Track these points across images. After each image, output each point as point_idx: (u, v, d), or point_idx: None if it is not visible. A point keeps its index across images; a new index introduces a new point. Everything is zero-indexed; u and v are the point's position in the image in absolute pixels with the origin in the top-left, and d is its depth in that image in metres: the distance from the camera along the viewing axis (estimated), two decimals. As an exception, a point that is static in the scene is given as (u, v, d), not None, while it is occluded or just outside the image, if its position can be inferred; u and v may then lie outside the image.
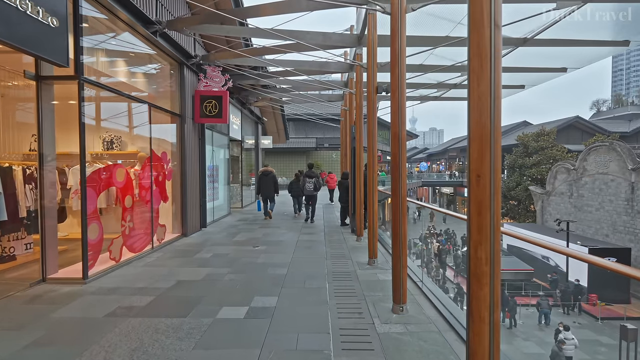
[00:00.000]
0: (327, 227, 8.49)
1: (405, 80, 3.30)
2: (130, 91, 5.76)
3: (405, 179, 3.24)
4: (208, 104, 7.52)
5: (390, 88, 3.34)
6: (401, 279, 3.24)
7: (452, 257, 22.65)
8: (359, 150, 6.65)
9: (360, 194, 6.64)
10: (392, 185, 3.26)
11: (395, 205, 3.23)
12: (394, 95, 3.27)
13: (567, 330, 10.09)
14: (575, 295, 14.95)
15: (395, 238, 3.27)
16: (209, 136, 8.98)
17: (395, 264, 3.31)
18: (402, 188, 3.21)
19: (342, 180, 8.69)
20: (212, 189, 9.23)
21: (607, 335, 12.68)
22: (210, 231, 7.88)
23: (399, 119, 3.25)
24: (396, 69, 3.24)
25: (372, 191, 4.99)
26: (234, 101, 11.09)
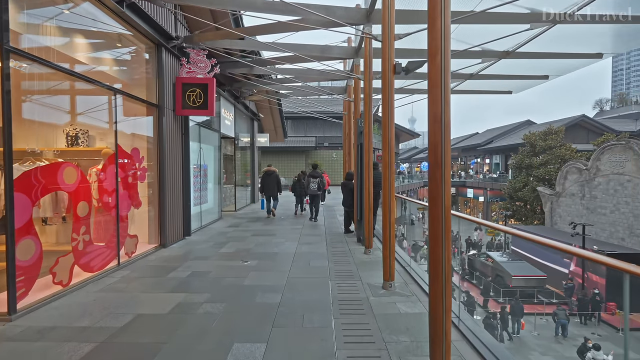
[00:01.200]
0: (329, 235, 7.46)
1: (449, 65, 2.25)
2: (91, 75, 4.72)
3: (449, 182, 2.21)
4: (191, 93, 6.48)
5: (429, 76, 2.28)
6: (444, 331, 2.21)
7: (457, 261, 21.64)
8: (368, 145, 5.62)
9: (370, 198, 5.62)
10: (432, 191, 2.23)
11: (436, 220, 2.20)
12: (435, 82, 2.24)
13: (598, 350, 9.08)
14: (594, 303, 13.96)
15: (434, 267, 2.23)
16: (195, 131, 7.94)
17: (435, 312, 2.27)
18: (445, 196, 2.18)
19: (346, 182, 7.67)
20: (200, 191, 8.19)
21: (634, 349, 11.68)
22: (195, 240, 6.84)
23: (442, 104, 2.22)
24: (437, 56, 2.20)
25: (388, 195, 3.96)
26: (225, 94, 10.05)
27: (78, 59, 4.62)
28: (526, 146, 27.52)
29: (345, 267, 4.99)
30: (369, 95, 5.49)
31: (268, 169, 10.11)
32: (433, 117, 2.23)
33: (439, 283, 2.19)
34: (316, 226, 8.64)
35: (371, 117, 5.60)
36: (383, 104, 3.96)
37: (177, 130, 6.62)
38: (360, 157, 6.40)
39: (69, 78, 4.27)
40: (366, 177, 5.66)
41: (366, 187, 5.67)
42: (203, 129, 8.48)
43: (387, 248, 4.00)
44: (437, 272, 2.20)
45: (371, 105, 5.58)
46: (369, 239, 5.69)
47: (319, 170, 10.37)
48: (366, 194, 5.66)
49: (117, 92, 4.90)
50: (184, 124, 6.91)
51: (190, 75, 6.52)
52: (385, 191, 3.96)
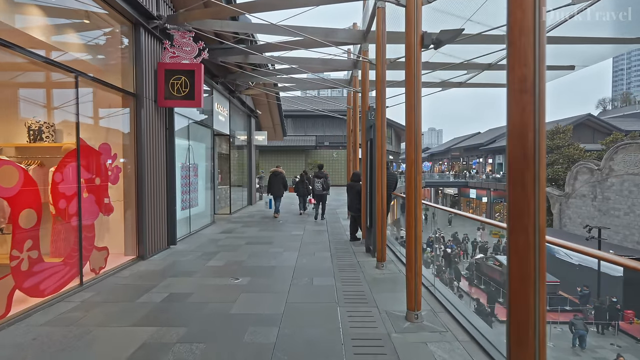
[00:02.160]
0: (334, 243, 6.61)
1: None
2: (52, 56, 3.88)
3: (544, 193, 1.36)
4: (176, 81, 5.63)
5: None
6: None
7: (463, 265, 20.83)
8: (380, 140, 4.78)
9: (382, 202, 4.77)
10: (515, 204, 1.39)
11: (523, 251, 1.36)
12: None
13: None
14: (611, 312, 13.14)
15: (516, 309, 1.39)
16: (183, 127, 7.09)
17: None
18: (539, 216, 1.34)
19: (353, 183, 6.82)
20: (188, 194, 7.34)
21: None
22: (181, 250, 5.99)
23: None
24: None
25: (414, 202, 3.12)
26: (219, 87, 9.19)
27: (38, 38, 3.78)
28: (533, 145, 26.64)
29: (355, 286, 4.15)
30: (382, 79, 4.65)
31: (275, 170, 10.40)
32: (520, 95, 1.39)
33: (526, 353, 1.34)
34: (319, 232, 7.80)
35: (384, 108, 4.76)
36: (407, 87, 3.11)
37: (159, 124, 5.77)
38: (371, 154, 5.55)
39: (24, 60, 3.43)
40: (378, 178, 4.81)
41: (378, 189, 4.83)
42: (193, 124, 7.63)
43: (412, 269, 3.15)
44: (522, 337, 1.36)
45: (384, 94, 4.74)
46: (381, 251, 4.84)
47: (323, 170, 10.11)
48: (378, 198, 4.81)
49: (80, 75, 4.05)
50: (168, 117, 6.05)
51: (175, 60, 5.67)
52: (411, 197, 3.12)
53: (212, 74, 8.63)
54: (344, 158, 28.66)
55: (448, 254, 21.25)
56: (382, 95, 4.68)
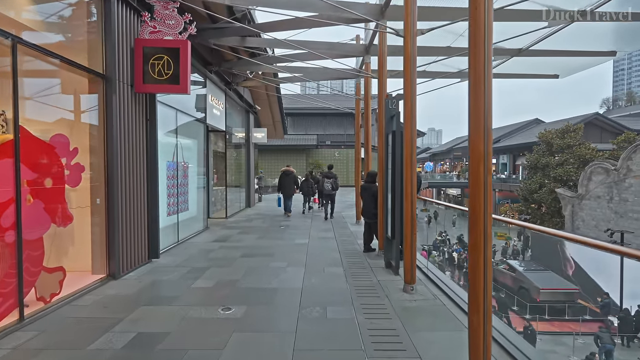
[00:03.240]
0: (345, 254, 5.64)
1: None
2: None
3: None
4: (157, 61, 4.65)
5: None
6: None
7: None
8: (410, 131, 3.80)
9: (412, 209, 3.80)
10: None
11: None
12: None
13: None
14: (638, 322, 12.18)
15: None
16: (169, 119, 6.11)
17: None
18: None
19: (367, 184, 5.85)
20: (176, 197, 6.36)
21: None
22: (164, 265, 5.01)
23: None
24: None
25: (483, 207, 2.15)
26: (213, 77, 8.21)
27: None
28: (541, 145, 25.76)
29: (383, 321, 3.17)
30: (412, 50, 3.68)
31: (287, 169, 10.44)
32: None
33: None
34: (326, 240, 6.82)
35: (414, 88, 3.78)
36: (475, 58, 2.14)
37: (138, 115, 4.78)
38: (393, 150, 4.58)
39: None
40: (407, 178, 3.83)
41: (407, 193, 3.85)
42: (182, 117, 6.65)
43: (479, 313, 2.16)
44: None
45: (414, 70, 3.77)
46: (410, 272, 3.85)
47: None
48: (407, 204, 3.83)
49: (19, 43, 3.07)
50: (149, 106, 5.07)
51: (155, 36, 4.68)
52: (478, 205, 2.15)
53: (206, 62, 7.66)
54: (346, 157, 27.70)
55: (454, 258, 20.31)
56: (412, 71, 3.71)
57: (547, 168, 24.46)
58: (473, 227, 2.19)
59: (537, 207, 25.64)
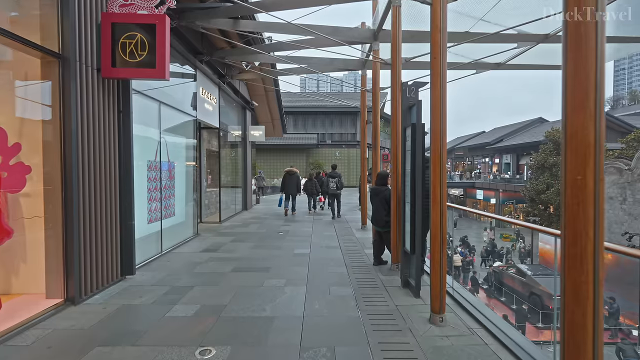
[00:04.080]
0: (352, 269, 4.86)
1: None
2: None
3: None
4: (128, 40, 3.86)
5: None
6: None
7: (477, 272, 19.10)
8: (439, 121, 3.01)
9: (442, 217, 3.02)
10: None
11: None
12: None
13: None
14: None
15: None
16: (150, 111, 5.33)
17: None
18: None
19: (378, 187, 5.07)
20: (159, 201, 5.58)
21: None
22: (139, 283, 4.22)
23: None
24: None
25: (594, 214, 1.37)
26: (205, 68, 7.43)
27: None
28: (548, 144, 25.00)
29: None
30: (442, 24, 2.91)
31: (290, 170, 10.61)
32: None
33: None
34: (329, 249, 6.05)
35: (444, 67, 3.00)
36: None
37: (107, 105, 4.00)
38: (413, 146, 3.80)
39: None
40: (435, 179, 3.05)
41: (434, 197, 3.07)
42: (167, 110, 5.87)
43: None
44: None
45: (444, 45, 2.99)
46: (440, 298, 3.07)
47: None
48: (435, 212, 3.05)
49: None
50: (122, 96, 4.28)
51: (127, 10, 3.90)
52: (584, 204, 1.38)
53: (195, 51, 6.88)
54: (347, 157, 26.93)
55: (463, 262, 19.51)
56: (442, 42, 2.94)
57: (555, 167, 23.70)
58: (572, 247, 1.41)
59: (544, 208, 24.90)
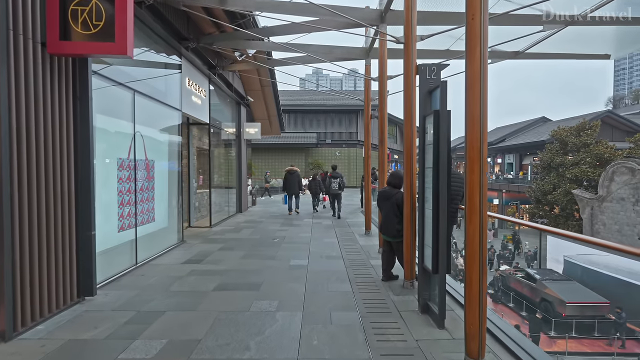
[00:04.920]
0: (358, 285, 4.10)
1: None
2: None
3: None
4: (81, 7, 3.10)
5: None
6: None
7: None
8: (479, 103, 2.26)
9: (482, 231, 2.27)
10: None
11: None
12: None
13: None
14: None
15: None
16: (120, 100, 4.56)
17: None
18: None
19: (388, 190, 4.31)
20: (134, 205, 4.81)
21: None
22: (98, 307, 3.46)
23: None
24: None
25: None
26: (192, 57, 6.67)
27: None
28: (555, 143, 24.28)
29: None
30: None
31: (291, 169, 10.76)
32: None
33: None
34: (330, 259, 5.29)
35: (485, 26, 2.25)
36: None
37: (57, 89, 3.24)
38: (436, 139, 3.04)
39: None
40: (472, 179, 2.30)
41: (472, 202, 2.31)
42: (143, 99, 5.10)
43: None
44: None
45: (485, 5, 2.24)
46: (479, 339, 2.31)
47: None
48: (472, 225, 2.30)
49: None
50: (79, 79, 3.52)
51: (79, -31, 3.14)
52: None
53: (180, 35, 6.11)
54: (347, 157, 26.18)
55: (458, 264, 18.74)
56: (482, 1, 2.18)
57: (562, 167, 22.97)
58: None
59: (550, 209, 24.19)
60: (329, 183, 10.13)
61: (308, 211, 11.49)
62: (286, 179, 10.69)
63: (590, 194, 19.99)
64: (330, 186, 10.10)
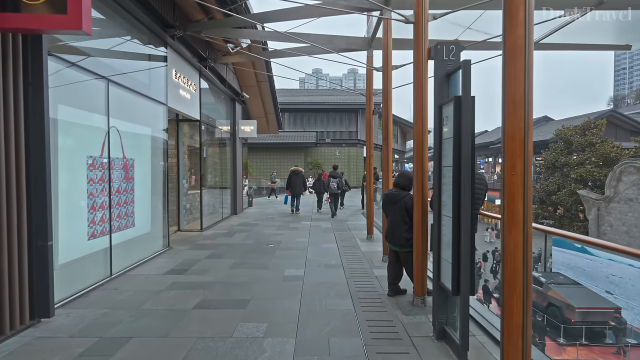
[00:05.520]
0: (360, 301, 3.56)
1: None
2: None
3: None
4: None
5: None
6: None
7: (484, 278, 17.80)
8: (521, 81, 1.72)
9: (526, 239, 1.73)
10: None
11: None
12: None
13: None
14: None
15: None
16: (89, 89, 4.01)
17: None
18: None
19: (396, 193, 3.77)
20: (108, 209, 4.27)
21: None
22: (53, 331, 2.91)
23: None
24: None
25: None
26: (181, 48, 6.13)
27: None
28: (559, 142, 23.77)
29: None
30: None
31: (296, 169, 10.91)
32: None
33: None
34: (329, 268, 4.75)
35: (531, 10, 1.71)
36: None
37: (3, 75, 2.70)
38: (457, 131, 2.50)
39: None
40: (517, 179, 1.76)
41: (515, 210, 1.77)
42: (118, 89, 4.55)
43: None
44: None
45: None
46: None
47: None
48: (513, 233, 1.76)
49: None
50: (29, 58, 2.98)
51: None
52: None
53: (165, 23, 5.58)
54: (347, 156, 25.65)
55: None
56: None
57: (566, 167, 22.45)
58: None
59: (554, 210, 23.68)
60: (329, 183, 10.42)
61: (308, 212, 11.18)
62: (290, 178, 10.81)
63: (596, 195, 19.47)
64: (329, 186, 10.37)
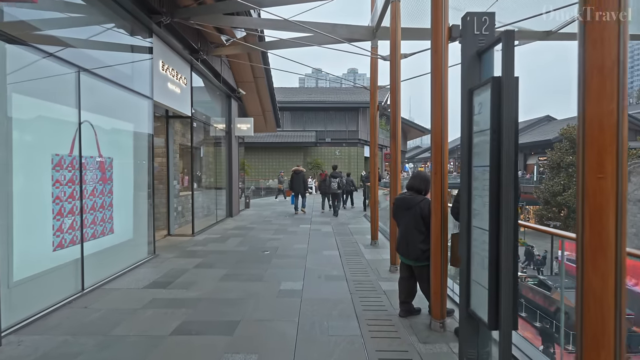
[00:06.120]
0: (368, 324, 3.04)
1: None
2: None
3: None
4: None
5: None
6: None
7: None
8: (622, 52, 1.20)
9: (619, 268, 1.20)
10: None
11: None
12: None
13: None
14: None
15: None
16: (57, 79, 3.48)
17: None
18: None
19: (410, 197, 3.23)
20: (79, 214, 3.74)
21: None
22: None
23: None
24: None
25: None
26: (169, 38, 5.61)
27: None
28: (564, 142, 23.26)
29: None
30: None
31: (297, 169, 10.97)
32: None
33: None
34: (330, 280, 4.22)
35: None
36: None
37: None
38: (497, 121, 1.98)
39: None
40: (610, 181, 1.23)
41: (605, 233, 1.25)
42: (91, 79, 4.02)
43: None
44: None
45: None
46: None
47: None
48: (597, 257, 1.23)
49: None
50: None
51: None
52: None
53: (149, 8, 5.06)
54: (348, 156, 25.12)
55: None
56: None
57: (572, 167, 21.95)
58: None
59: (558, 211, 23.19)
60: (329, 182, 10.57)
61: (309, 213, 11.03)
62: (292, 178, 10.99)
63: (603, 195, 18.97)
64: (330, 186, 10.53)
